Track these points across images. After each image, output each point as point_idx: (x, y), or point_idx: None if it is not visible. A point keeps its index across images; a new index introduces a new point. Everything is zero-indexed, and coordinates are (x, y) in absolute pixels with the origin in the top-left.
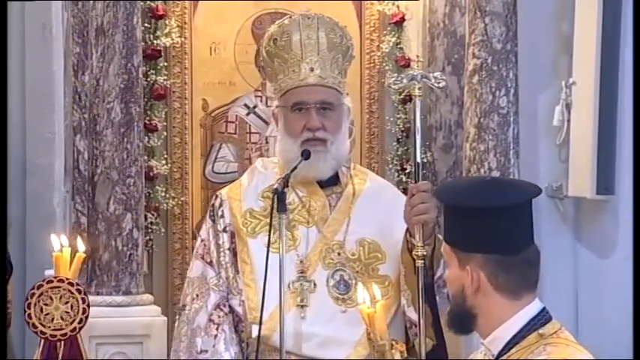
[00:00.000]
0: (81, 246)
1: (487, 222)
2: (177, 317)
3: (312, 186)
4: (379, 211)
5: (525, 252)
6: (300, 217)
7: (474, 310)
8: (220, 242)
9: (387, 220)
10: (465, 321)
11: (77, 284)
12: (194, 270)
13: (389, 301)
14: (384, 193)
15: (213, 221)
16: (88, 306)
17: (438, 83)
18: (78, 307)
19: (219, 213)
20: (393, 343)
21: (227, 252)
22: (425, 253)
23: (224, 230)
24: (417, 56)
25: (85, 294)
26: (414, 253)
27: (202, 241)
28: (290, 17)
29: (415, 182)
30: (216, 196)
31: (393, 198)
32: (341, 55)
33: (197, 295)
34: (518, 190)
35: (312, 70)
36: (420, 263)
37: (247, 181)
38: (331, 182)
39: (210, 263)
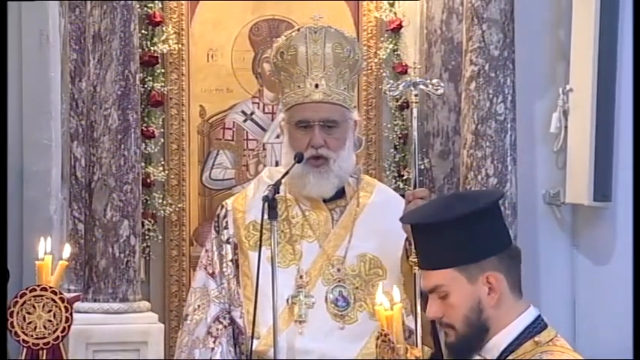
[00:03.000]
0: (66, 253)
1: (490, 221)
2: (180, 326)
3: (316, 200)
4: (383, 226)
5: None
6: (302, 232)
7: (488, 322)
8: (223, 253)
9: (392, 235)
10: (475, 341)
11: (60, 293)
12: (197, 280)
13: None
14: (390, 208)
15: (218, 232)
16: (71, 315)
17: (436, 90)
18: (61, 315)
19: (224, 224)
20: (408, 347)
21: (230, 263)
22: None
23: (227, 241)
24: (414, 63)
25: (68, 302)
26: (410, 259)
27: (207, 251)
28: (298, 30)
29: (413, 189)
30: (222, 206)
31: (400, 211)
32: (348, 70)
33: (198, 306)
34: (483, 193)
35: (316, 86)
36: (416, 270)
37: (253, 191)
38: (336, 195)
39: (213, 274)
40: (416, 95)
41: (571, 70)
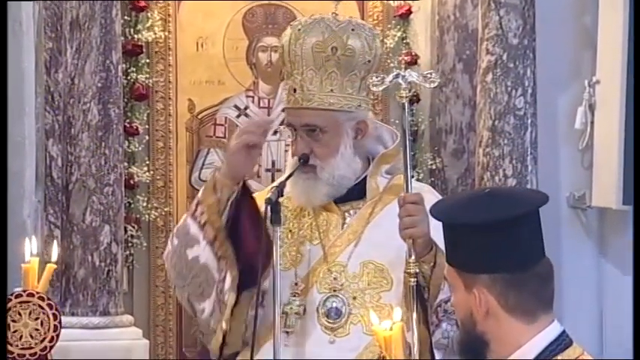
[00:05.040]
0: (54, 255)
1: (489, 238)
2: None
3: (328, 201)
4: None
5: (536, 266)
6: (309, 233)
7: (485, 336)
8: None
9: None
10: (476, 349)
11: (48, 299)
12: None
13: None
14: None
15: None
16: (60, 323)
17: (431, 83)
18: (49, 323)
19: None
20: None
21: None
22: (417, 270)
23: None
24: (414, 53)
25: (56, 309)
26: (404, 270)
27: None
28: (291, 25)
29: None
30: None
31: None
32: (336, 68)
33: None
34: (521, 200)
35: (294, 90)
36: (412, 282)
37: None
38: (355, 195)
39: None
40: (404, 89)
41: (598, 60)
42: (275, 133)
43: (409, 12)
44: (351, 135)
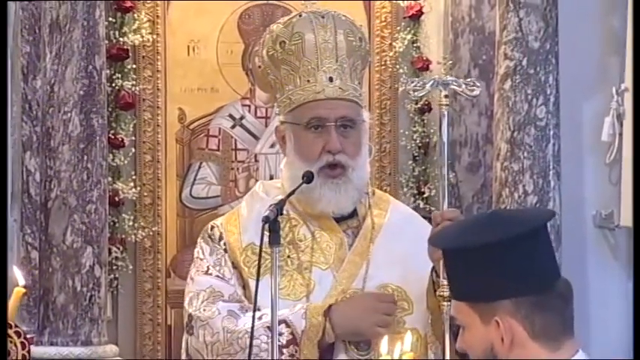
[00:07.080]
0: (20, 279)
1: (508, 258)
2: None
3: (326, 219)
4: (404, 250)
5: (558, 286)
6: (315, 258)
7: None
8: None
9: (415, 261)
10: None
11: (16, 326)
12: (200, 283)
13: None
14: (409, 227)
15: (215, 253)
16: (29, 352)
17: (471, 90)
18: (17, 353)
19: (222, 245)
20: None
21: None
22: None
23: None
24: (445, 57)
25: (25, 338)
26: (437, 293)
27: (201, 259)
28: (299, 15)
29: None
30: (213, 227)
31: (421, 232)
32: (360, 61)
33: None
34: (527, 217)
35: (331, 80)
36: (445, 306)
37: (247, 209)
38: (347, 214)
39: (222, 278)
40: (446, 97)
41: (626, 66)
42: (272, 145)
43: (420, 13)
44: (366, 134)
